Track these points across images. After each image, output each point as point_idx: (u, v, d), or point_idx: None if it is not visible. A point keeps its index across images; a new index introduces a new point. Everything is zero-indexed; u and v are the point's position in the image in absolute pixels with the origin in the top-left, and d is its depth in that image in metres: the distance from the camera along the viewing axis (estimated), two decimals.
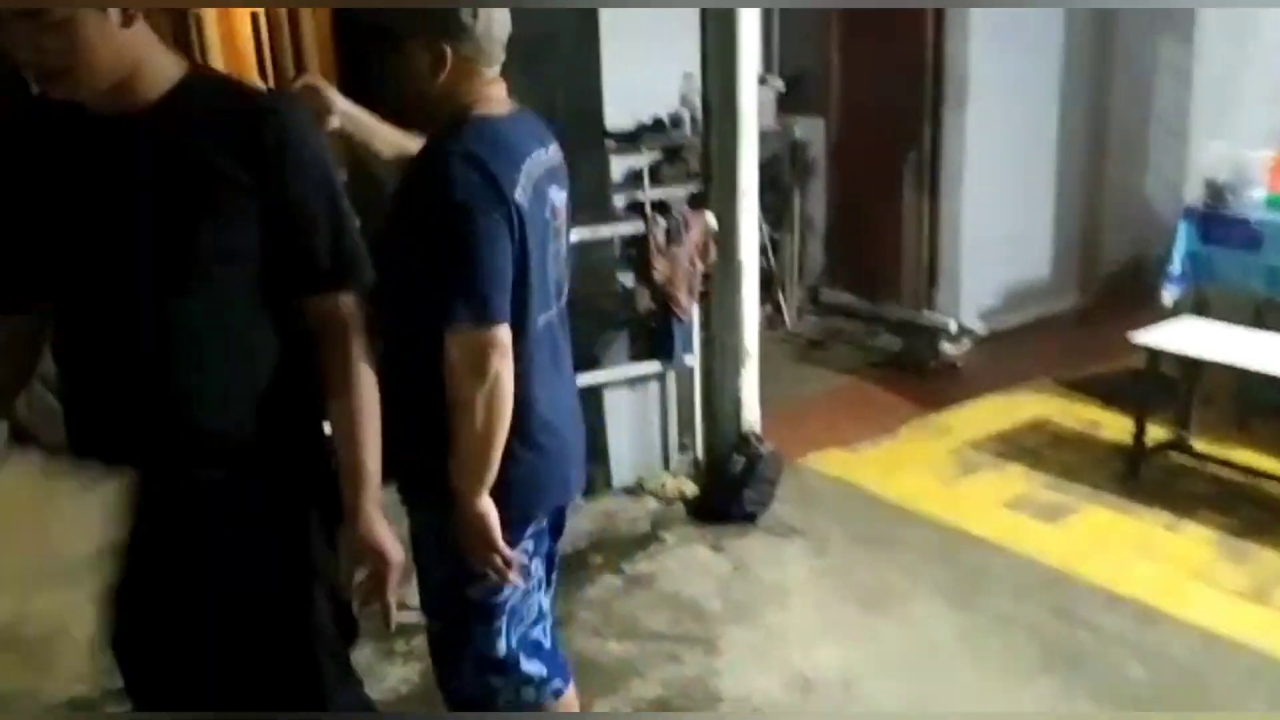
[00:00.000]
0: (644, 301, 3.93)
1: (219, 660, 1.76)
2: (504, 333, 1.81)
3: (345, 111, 1.99)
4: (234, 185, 1.57)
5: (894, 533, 3.86)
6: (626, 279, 4.14)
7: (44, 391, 2.77)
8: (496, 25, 1.87)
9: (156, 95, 1.57)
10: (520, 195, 1.81)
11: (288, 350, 1.70)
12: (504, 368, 1.81)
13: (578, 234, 4.37)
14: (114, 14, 1.48)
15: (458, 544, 1.91)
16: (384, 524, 1.72)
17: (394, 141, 2.05)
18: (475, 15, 1.82)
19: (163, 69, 1.59)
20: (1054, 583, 3.50)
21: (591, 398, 3.98)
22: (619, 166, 6.03)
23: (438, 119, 1.87)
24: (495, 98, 1.90)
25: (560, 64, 6.52)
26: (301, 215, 1.62)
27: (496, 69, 1.91)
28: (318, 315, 1.68)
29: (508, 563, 1.93)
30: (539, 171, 1.89)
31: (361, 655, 2.47)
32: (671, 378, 4.09)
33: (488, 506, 1.87)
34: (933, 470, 4.34)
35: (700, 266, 3.90)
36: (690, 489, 4.06)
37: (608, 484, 4.05)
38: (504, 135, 1.86)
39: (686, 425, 4.21)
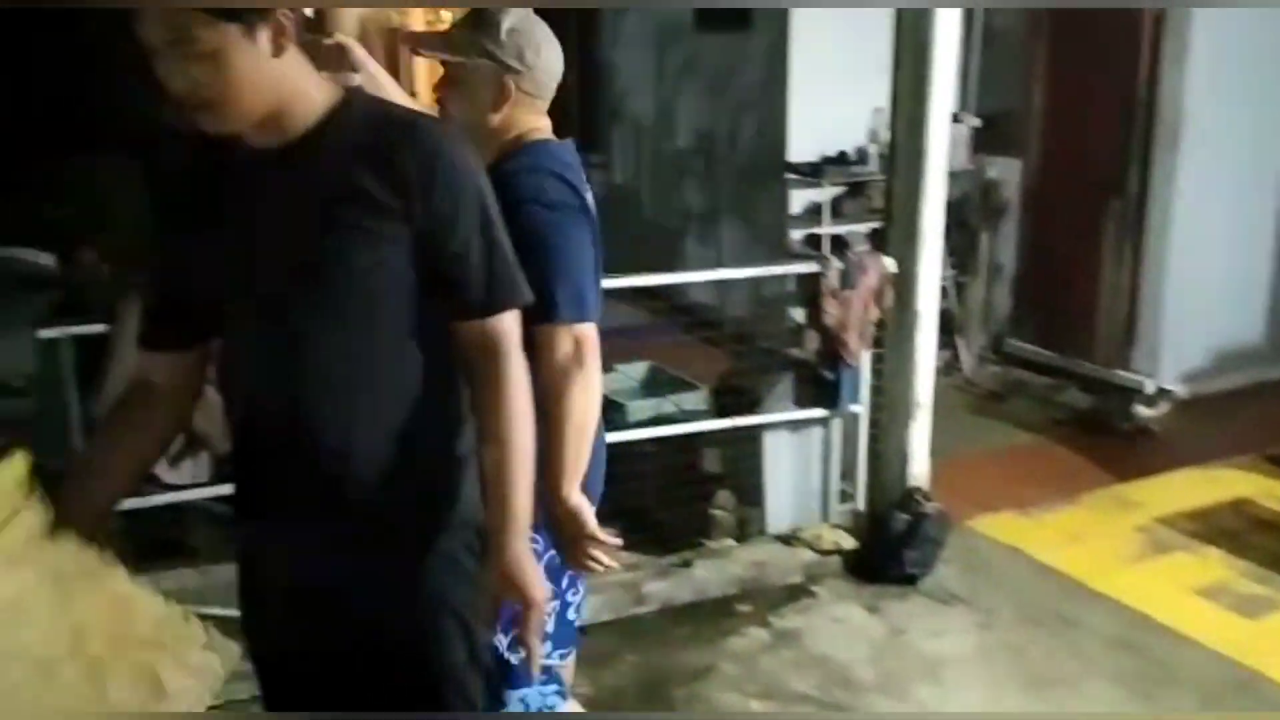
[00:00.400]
0: (812, 344, 3.77)
1: (355, 692, 1.72)
2: (595, 330, 1.94)
3: (372, 74, 2.09)
4: (383, 211, 1.54)
5: (1069, 611, 3.58)
6: (797, 314, 4.00)
7: (215, 398, 2.85)
8: (554, 63, 2.05)
9: (308, 124, 1.56)
10: (591, 207, 2.00)
11: (438, 376, 1.66)
12: (597, 363, 1.92)
13: (749, 271, 4.31)
14: (264, 44, 1.47)
15: (555, 539, 1.96)
16: (531, 563, 1.65)
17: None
18: (539, 53, 2.00)
19: (315, 97, 1.57)
20: (1248, 685, 3.17)
21: (750, 440, 3.87)
22: (798, 199, 5.94)
23: (494, 146, 2.01)
24: (546, 127, 2.07)
25: (745, 92, 6.50)
26: (452, 239, 1.58)
27: (548, 102, 2.08)
28: (470, 341, 1.64)
29: (605, 547, 1.94)
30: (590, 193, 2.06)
31: None
32: (836, 425, 3.92)
33: (582, 498, 1.92)
34: (1118, 546, 4.01)
35: (874, 312, 3.72)
36: (848, 543, 3.88)
37: (761, 530, 3.90)
38: (566, 156, 2.03)
39: (849, 475, 4.02)
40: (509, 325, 1.65)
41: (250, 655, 1.79)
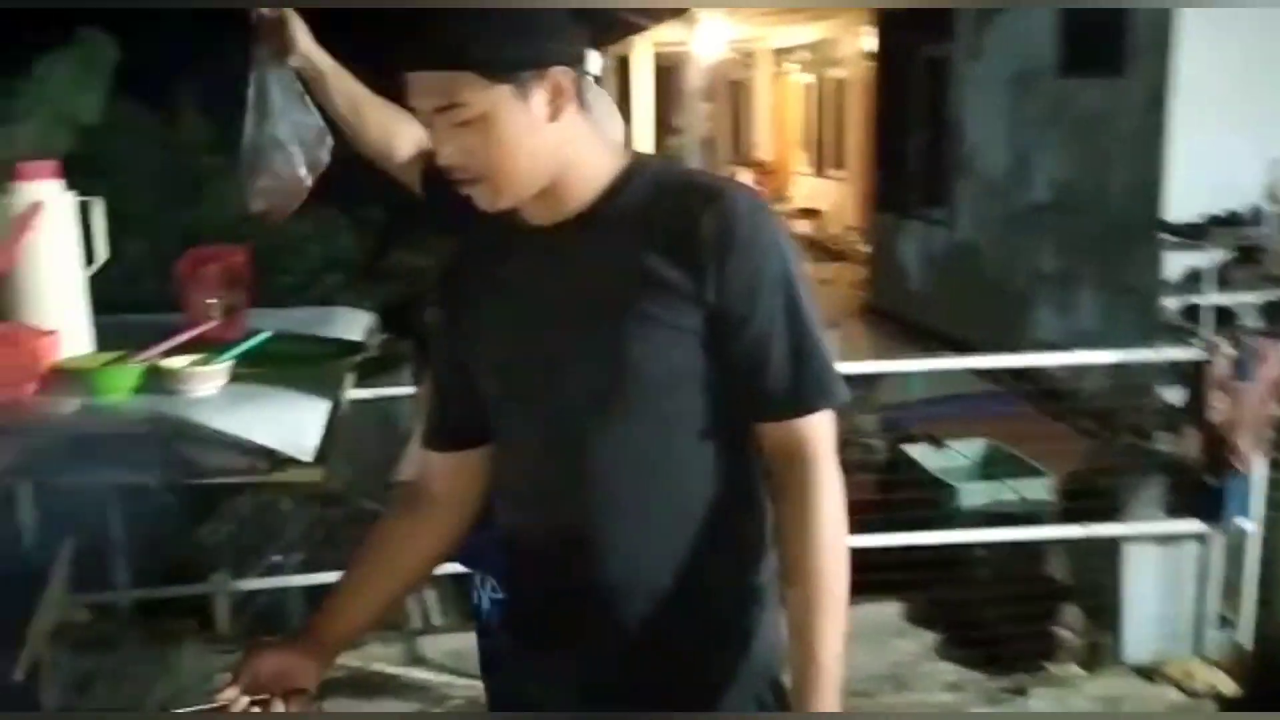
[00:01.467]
0: (1190, 444, 3.20)
1: None
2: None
3: (307, 54, 1.81)
4: (672, 294, 1.35)
5: None
6: (1169, 394, 3.42)
7: None
8: (613, 129, 1.90)
9: (591, 196, 1.39)
10: None
11: (736, 489, 1.44)
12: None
13: (1117, 355, 3.73)
14: (538, 108, 1.31)
15: None
16: None
17: (367, 113, 1.86)
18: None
19: (597, 165, 1.40)
20: None
21: (1107, 551, 3.34)
22: (1175, 264, 5.30)
23: None
24: None
25: (1115, 143, 5.88)
26: (750, 323, 1.36)
27: None
28: (774, 446, 1.40)
29: None
30: None
31: None
32: (1218, 542, 3.30)
33: None
34: None
35: (1275, 409, 3.11)
36: (1227, 685, 3.24)
37: (1116, 657, 3.35)
38: None
39: (1231, 600, 3.37)
40: (819, 430, 1.39)
41: None
